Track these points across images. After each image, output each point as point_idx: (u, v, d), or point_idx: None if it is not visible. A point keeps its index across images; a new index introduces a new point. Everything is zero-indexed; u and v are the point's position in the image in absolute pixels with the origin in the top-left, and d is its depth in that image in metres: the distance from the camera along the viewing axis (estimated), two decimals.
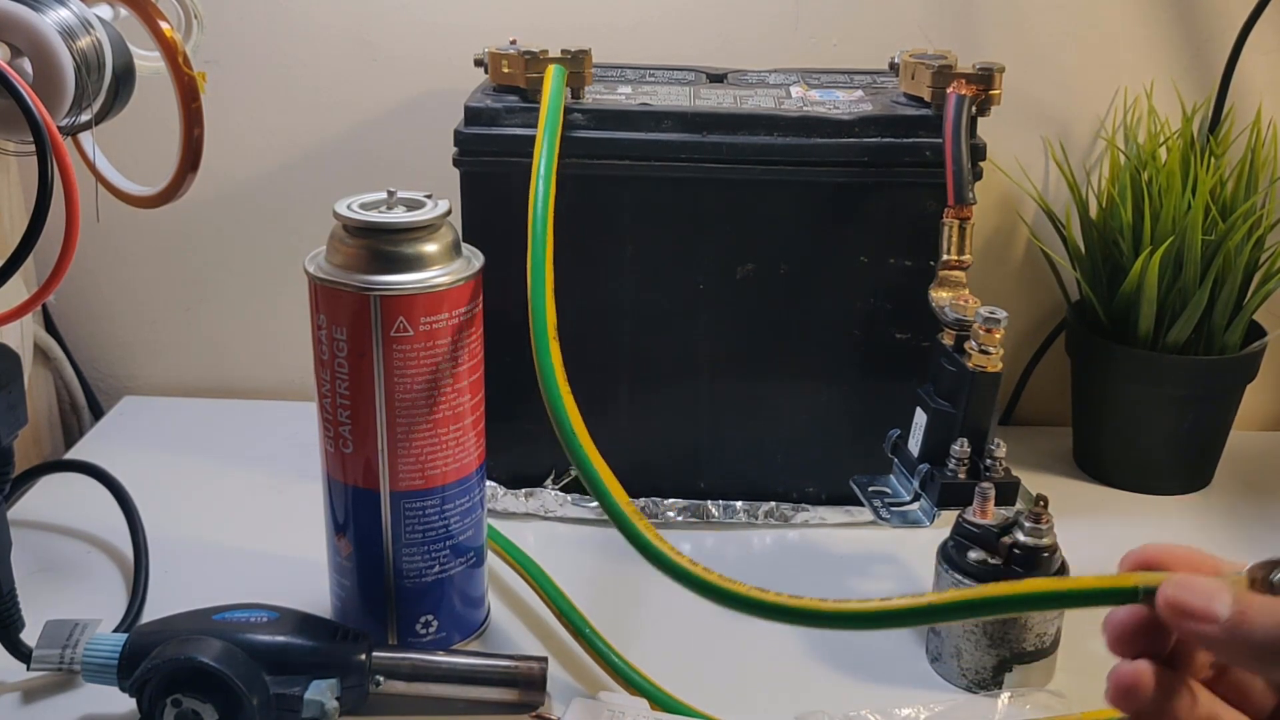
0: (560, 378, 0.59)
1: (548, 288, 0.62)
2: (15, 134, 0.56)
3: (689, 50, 0.86)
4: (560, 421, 0.57)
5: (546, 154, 0.67)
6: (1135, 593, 0.39)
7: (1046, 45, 0.86)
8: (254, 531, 0.76)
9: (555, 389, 0.58)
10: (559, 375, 0.59)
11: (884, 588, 0.72)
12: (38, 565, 0.72)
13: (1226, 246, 0.76)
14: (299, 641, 0.58)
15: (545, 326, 0.60)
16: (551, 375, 0.58)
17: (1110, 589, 0.40)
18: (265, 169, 0.90)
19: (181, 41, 0.62)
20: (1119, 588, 0.39)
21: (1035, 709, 0.60)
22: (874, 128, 0.71)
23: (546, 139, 0.68)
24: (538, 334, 0.60)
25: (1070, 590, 0.41)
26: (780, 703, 0.61)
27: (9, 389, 0.57)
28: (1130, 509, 0.81)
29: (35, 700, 0.61)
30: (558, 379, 0.58)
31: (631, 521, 0.54)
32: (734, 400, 0.76)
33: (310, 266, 0.60)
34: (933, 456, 0.66)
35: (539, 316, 0.61)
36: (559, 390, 0.58)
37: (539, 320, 0.60)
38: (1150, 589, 0.39)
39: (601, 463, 0.57)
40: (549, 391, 0.58)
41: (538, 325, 0.60)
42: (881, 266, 0.73)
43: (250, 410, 0.92)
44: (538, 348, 0.59)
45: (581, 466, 0.57)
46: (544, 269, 0.63)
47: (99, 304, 0.94)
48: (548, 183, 0.66)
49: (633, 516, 0.54)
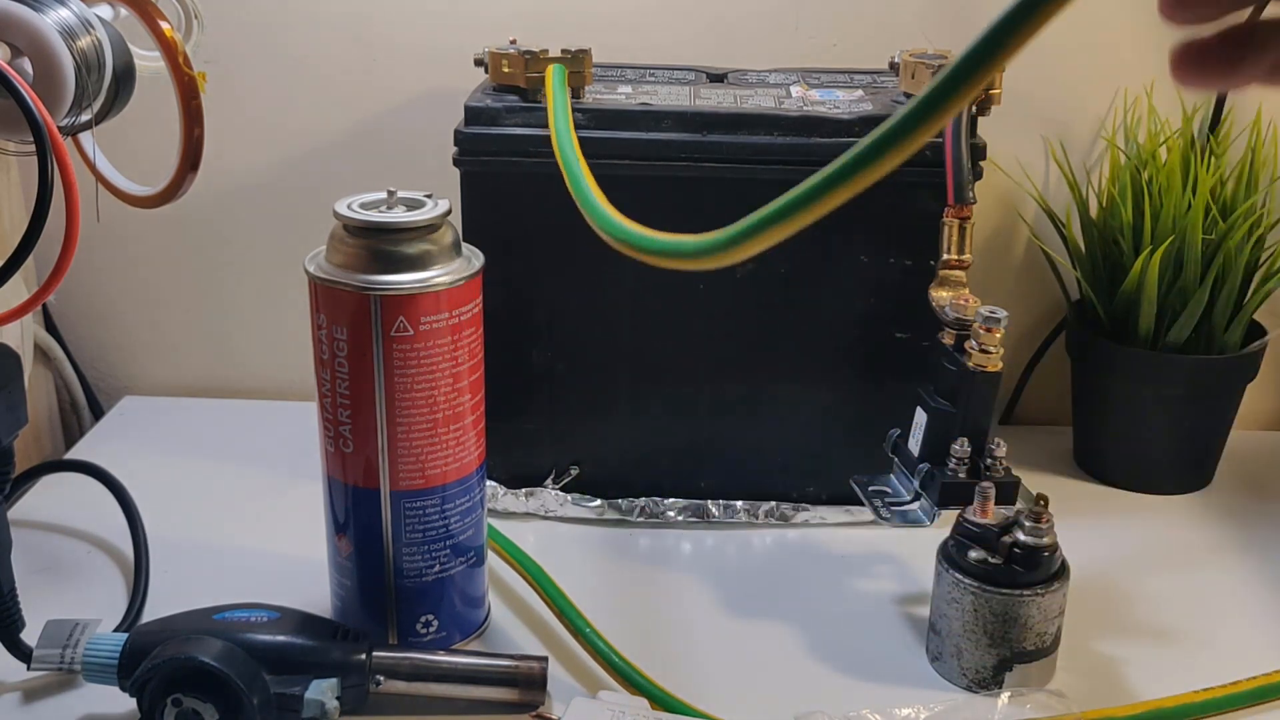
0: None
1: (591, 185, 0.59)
2: (15, 134, 0.56)
3: (689, 50, 0.86)
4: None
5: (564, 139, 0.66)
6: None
7: (1046, 45, 0.85)
8: (254, 531, 0.76)
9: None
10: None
11: (884, 587, 0.72)
12: (38, 565, 0.72)
13: (1227, 246, 0.76)
14: (299, 641, 0.58)
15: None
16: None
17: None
18: (265, 169, 0.90)
19: (181, 41, 0.62)
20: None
21: (1035, 709, 0.60)
22: (874, 127, 0.71)
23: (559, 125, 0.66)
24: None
25: None
26: (780, 703, 0.61)
27: (9, 389, 0.57)
28: (1130, 509, 0.81)
29: (35, 700, 0.61)
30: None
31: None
32: (734, 400, 0.76)
33: (310, 266, 0.60)
34: (933, 456, 0.66)
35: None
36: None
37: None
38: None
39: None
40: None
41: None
42: (881, 266, 0.73)
43: (250, 410, 0.92)
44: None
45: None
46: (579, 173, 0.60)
47: (99, 304, 0.94)
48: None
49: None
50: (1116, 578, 0.72)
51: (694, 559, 0.74)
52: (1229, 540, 0.77)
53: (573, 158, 0.61)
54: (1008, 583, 0.61)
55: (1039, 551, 0.61)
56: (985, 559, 0.61)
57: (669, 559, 0.74)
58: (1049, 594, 0.61)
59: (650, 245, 0.46)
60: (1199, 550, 0.76)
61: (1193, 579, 0.73)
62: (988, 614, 0.61)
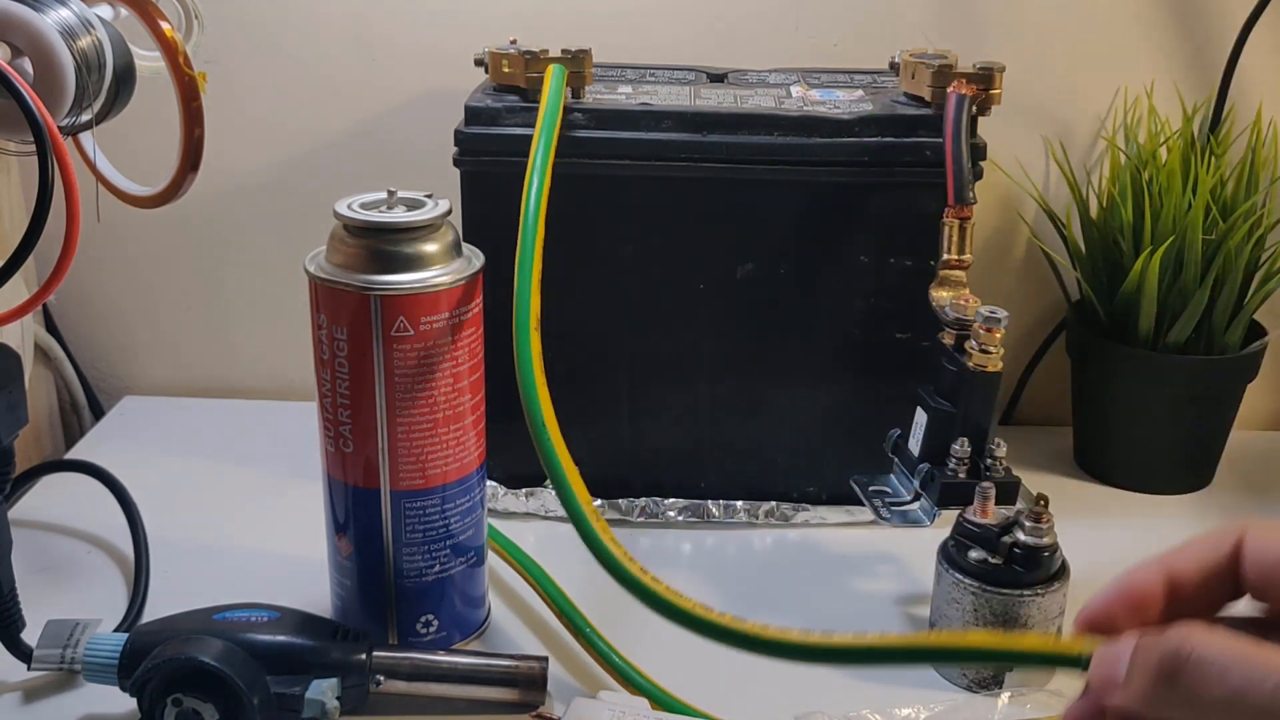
0: (538, 370, 0.58)
1: (534, 280, 0.61)
2: (15, 134, 0.56)
3: (689, 50, 0.86)
4: (533, 417, 0.57)
5: (543, 147, 0.66)
6: (1079, 660, 0.38)
7: (1046, 45, 0.86)
8: (254, 531, 0.76)
9: (532, 381, 0.58)
10: (537, 367, 0.58)
11: (884, 587, 0.72)
12: (38, 565, 0.72)
13: (1227, 246, 0.76)
14: (299, 641, 0.58)
15: (528, 318, 0.60)
16: (529, 367, 0.58)
17: (1058, 654, 0.39)
18: (265, 169, 0.90)
19: (181, 41, 0.62)
20: (1065, 654, 0.39)
21: (1035, 709, 0.60)
22: (874, 127, 0.71)
23: (544, 132, 0.67)
24: (520, 326, 0.59)
25: (1015, 650, 0.42)
26: (780, 702, 0.61)
27: (9, 389, 0.57)
28: (1130, 509, 0.81)
29: (36, 700, 0.61)
30: (535, 372, 0.58)
31: (592, 525, 0.54)
32: (734, 400, 0.76)
33: (310, 266, 0.60)
34: (933, 456, 0.66)
35: (523, 308, 0.60)
36: (535, 382, 0.58)
37: (522, 311, 0.60)
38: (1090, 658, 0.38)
39: (571, 465, 0.57)
40: (525, 383, 0.58)
41: (520, 317, 0.60)
42: (882, 266, 0.73)
43: (250, 410, 0.92)
44: (518, 339, 0.59)
45: (550, 467, 0.56)
46: (531, 260, 0.62)
47: (99, 304, 0.94)
48: (542, 176, 0.65)
49: (592, 518, 0.55)
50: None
51: (694, 559, 0.74)
52: None
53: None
54: (1008, 583, 0.61)
55: (1039, 551, 0.61)
56: (985, 559, 0.62)
57: (669, 559, 0.74)
58: (1049, 594, 0.61)
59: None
60: None
61: None
62: (988, 614, 0.61)
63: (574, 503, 0.55)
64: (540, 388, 0.58)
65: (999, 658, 0.43)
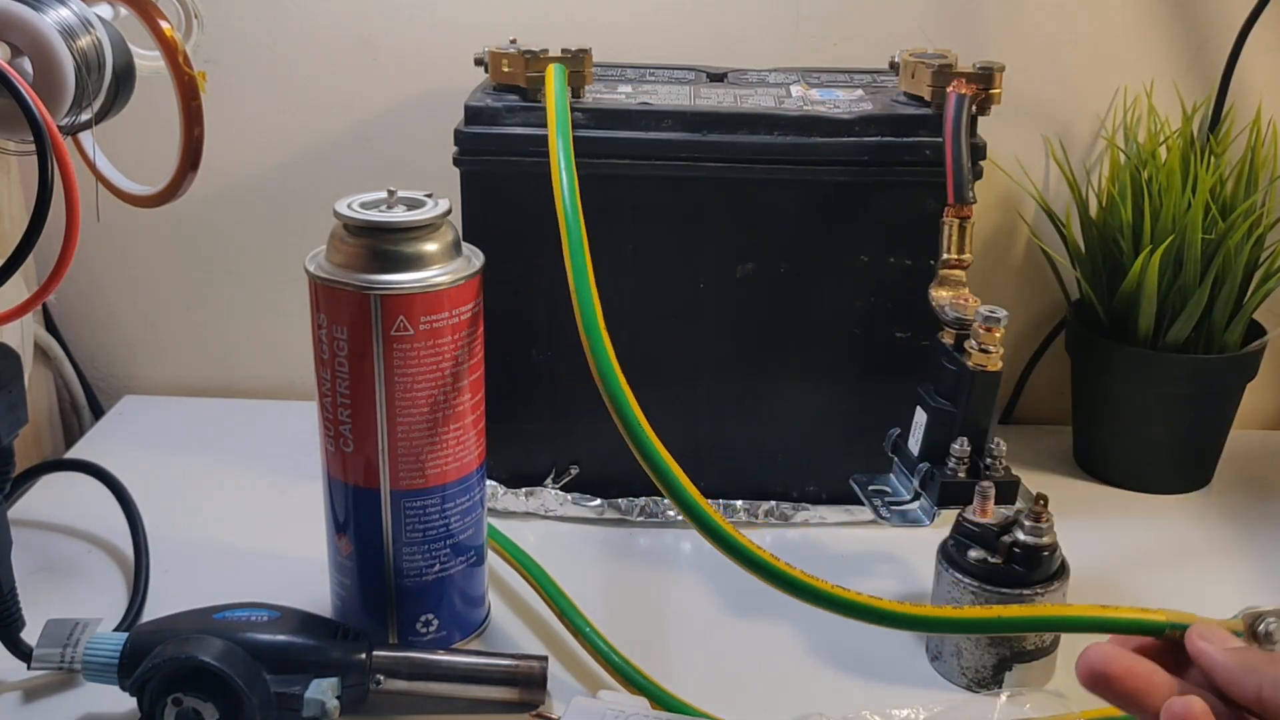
0: (617, 369, 0.57)
1: (589, 277, 0.59)
2: (15, 134, 0.56)
3: (689, 49, 0.86)
4: (625, 419, 0.56)
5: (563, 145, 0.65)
6: (1161, 628, 0.47)
7: (1046, 45, 0.86)
8: (254, 531, 0.76)
9: (615, 383, 0.57)
10: (616, 368, 0.57)
11: (884, 586, 0.72)
12: (38, 565, 0.72)
13: (1226, 245, 0.76)
14: (299, 640, 0.58)
15: (594, 317, 0.58)
16: (610, 369, 0.57)
17: (1143, 622, 0.48)
18: (265, 168, 0.90)
19: (181, 41, 0.62)
20: (1150, 622, 0.48)
21: (1035, 708, 0.60)
22: (874, 127, 0.71)
23: (560, 131, 0.66)
24: (588, 327, 0.58)
25: (1109, 619, 0.49)
26: (780, 702, 0.61)
27: (9, 388, 0.57)
28: (1130, 508, 0.81)
29: (36, 699, 0.61)
30: (616, 372, 0.57)
31: (711, 517, 0.55)
32: (734, 400, 0.76)
33: (310, 266, 0.60)
34: (933, 455, 0.66)
35: (586, 309, 0.58)
36: (618, 383, 0.57)
37: (587, 313, 0.58)
38: (1176, 625, 0.47)
39: (671, 460, 0.56)
40: (608, 386, 0.57)
41: (586, 318, 0.58)
42: (881, 266, 0.73)
43: (250, 410, 0.92)
44: (591, 342, 0.57)
45: (653, 464, 0.56)
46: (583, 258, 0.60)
47: (99, 304, 0.94)
48: (570, 173, 0.64)
49: (710, 512, 0.55)
50: (1116, 577, 0.72)
51: (694, 559, 0.74)
52: (1229, 540, 0.77)
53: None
54: (1008, 582, 0.61)
55: (1039, 551, 0.61)
56: (985, 559, 0.61)
57: (669, 559, 0.74)
58: (1049, 594, 0.61)
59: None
60: (1199, 550, 0.76)
61: (1192, 578, 0.73)
62: None
63: (691, 502, 0.55)
64: (625, 388, 0.56)
65: (1096, 626, 0.50)
